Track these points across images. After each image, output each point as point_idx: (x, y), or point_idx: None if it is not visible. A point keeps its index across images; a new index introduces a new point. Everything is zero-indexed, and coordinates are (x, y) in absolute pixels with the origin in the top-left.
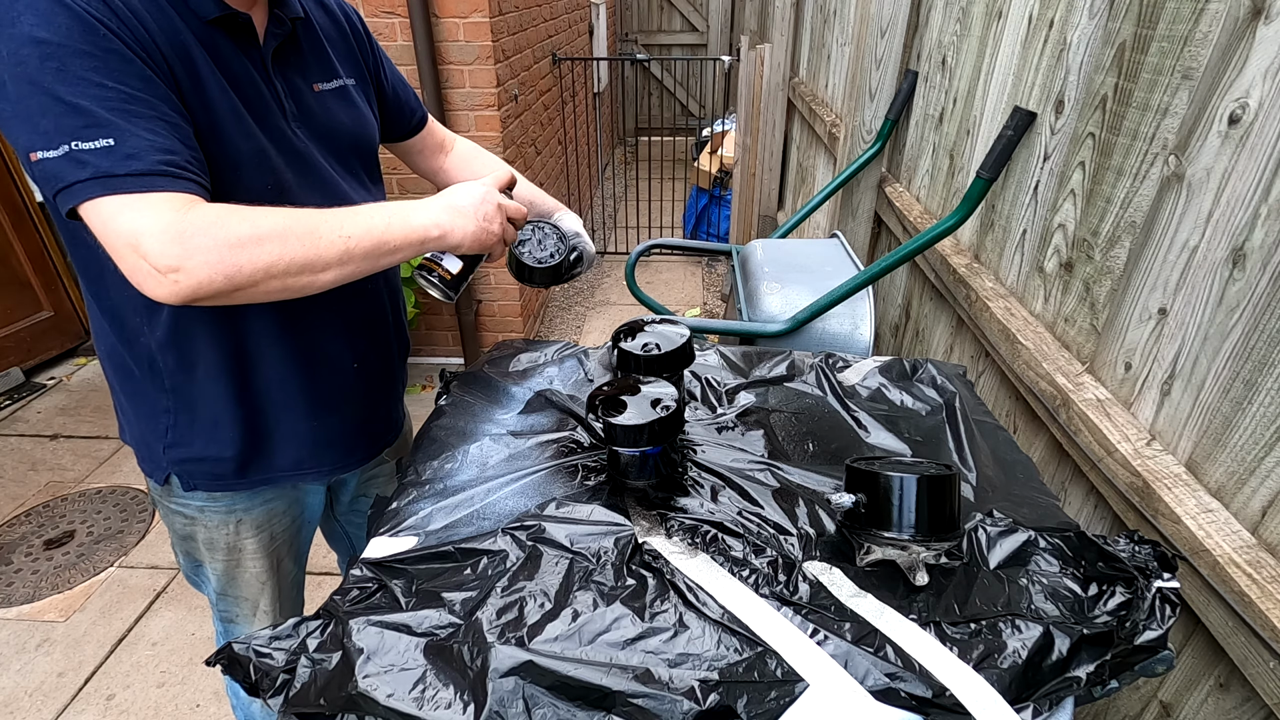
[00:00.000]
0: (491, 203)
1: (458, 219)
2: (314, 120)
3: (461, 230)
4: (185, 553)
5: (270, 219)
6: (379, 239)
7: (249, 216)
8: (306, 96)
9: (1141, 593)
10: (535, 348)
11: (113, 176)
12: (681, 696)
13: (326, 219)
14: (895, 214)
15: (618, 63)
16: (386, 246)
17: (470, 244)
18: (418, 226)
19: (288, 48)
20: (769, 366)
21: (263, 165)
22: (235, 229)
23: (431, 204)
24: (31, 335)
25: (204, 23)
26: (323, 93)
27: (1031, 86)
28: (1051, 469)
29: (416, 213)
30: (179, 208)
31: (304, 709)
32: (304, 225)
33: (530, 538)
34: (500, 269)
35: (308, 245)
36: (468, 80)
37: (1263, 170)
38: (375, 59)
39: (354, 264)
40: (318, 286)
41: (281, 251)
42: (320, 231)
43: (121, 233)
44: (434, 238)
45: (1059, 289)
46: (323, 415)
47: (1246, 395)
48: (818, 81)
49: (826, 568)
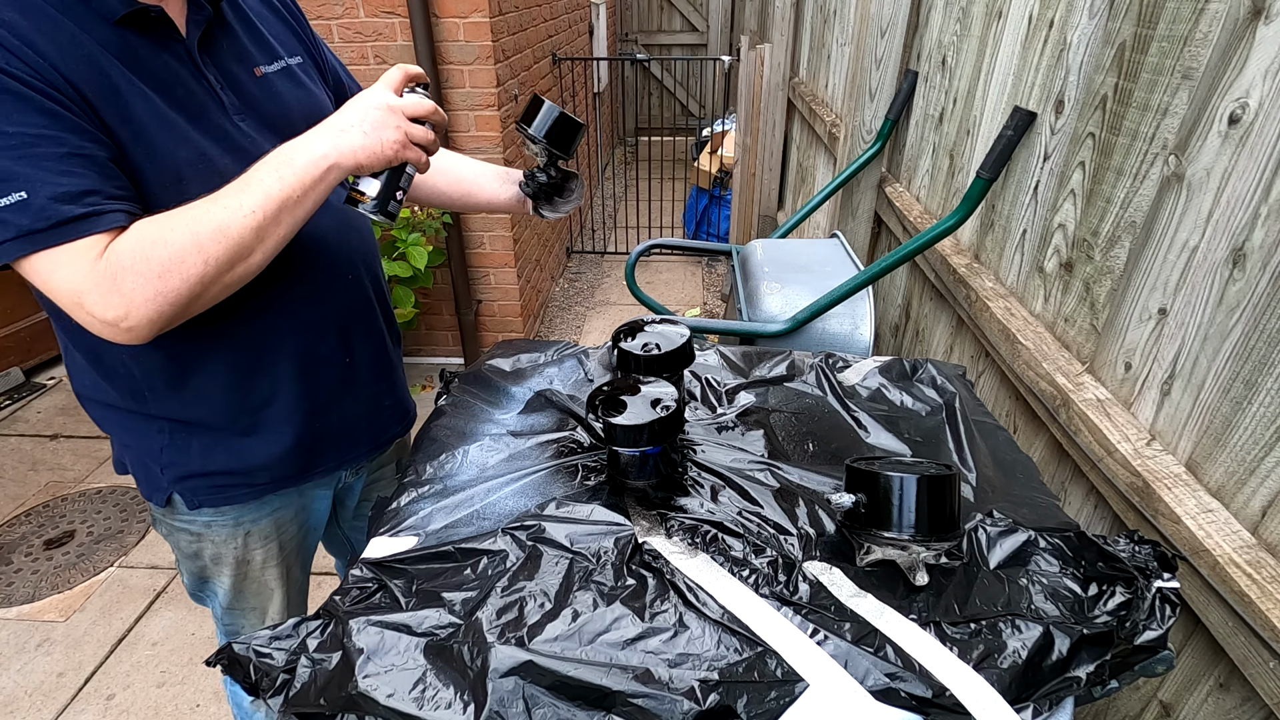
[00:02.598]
0: (378, 107)
1: (342, 139)
2: (259, 108)
3: (350, 148)
4: (192, 571)
5: (179, 230)
6: (282, 198)
7: (161, 236)
8: (247, 84)
9: (1141, 593)
10: (535, 348)
11: (36, 233)
12: (681, 696)
13: (226, 205)
14: (895, 214)
15: (618, 63)
16: (292, 199)
17: (367, 160)
18: (306, 164)
19: (216, 33)
20: (769, 366)
21: (207, 170)
22: (155, 257)
23: (315, 133)
24: (31, 335)
25: (111, 25)
26: (266, 76)
27: (1031, 86)
28: (1051, 469)
29: (301, 151)
30: (104, 250)
31: (304, 709)
32: (210, 222)
33: (530, 538)
34: (500, 269)
35: (221, 241)
36: (468, 80)
37: (1263, 170)
38: (313, 39)
39: (273, 234)
40: (254, 269)
41: (204, 258)
42: (228, 222)
43: (63, 292)
44: (329, 166)
45: (1059, 289)
46: (322, 413)
47: (1246, 395)
48: (818, 81)
49: (826, 568)
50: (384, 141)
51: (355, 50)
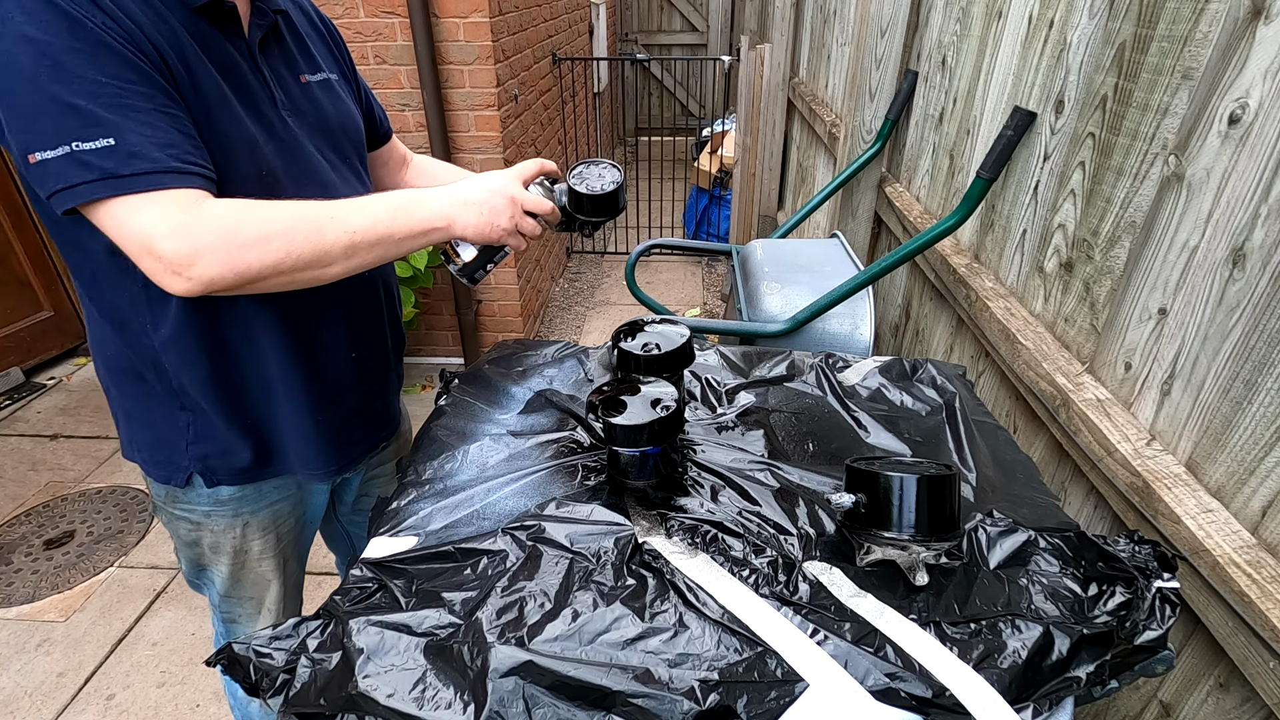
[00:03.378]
0: (504, 195)
1: (462, 211)
2: (302, 110)
3: (464, 223)
4: (190, 559)
5: (277, 218)
6: (384, 232)
7: (257, 215)
8: (293, 87)
9: (1141, 593)
10: (535, 348)
11: (118, 177)
12: (681, 696)
13: (332, 214)
14: (895, 214)
15: (618, 63)
16: (391, 239)
17: (475, 237)
18: (421, 219)
19: (271, 39)
20: (769, 366)
21: (253, 153)
22: (244, 229)
23: (441, 195)
24: (31, 335)
25: (190, 11)
26: (309, 84)
27: (1031, 86)
28: (1051, 469)
29: (422, 204)
30: (187, 205)
31: (304, 709)
32: (310, 223)
33: (530, 538)
34: (500, 269)
35: (314, 242)
36: (468, 80)
37: (1263, 170)
38: (350, 63)
39: (359, 257)
40: (325, 279)
41: (289, 249)
42: (326, 229)
43: (136, 234)
44: (439, 228)
45: (1059, 289)
46: (324, 406)
47: (1246, 395)
48: (818, 81)
49: (826, 568)
50: (495, 226)
51: (355, 50)
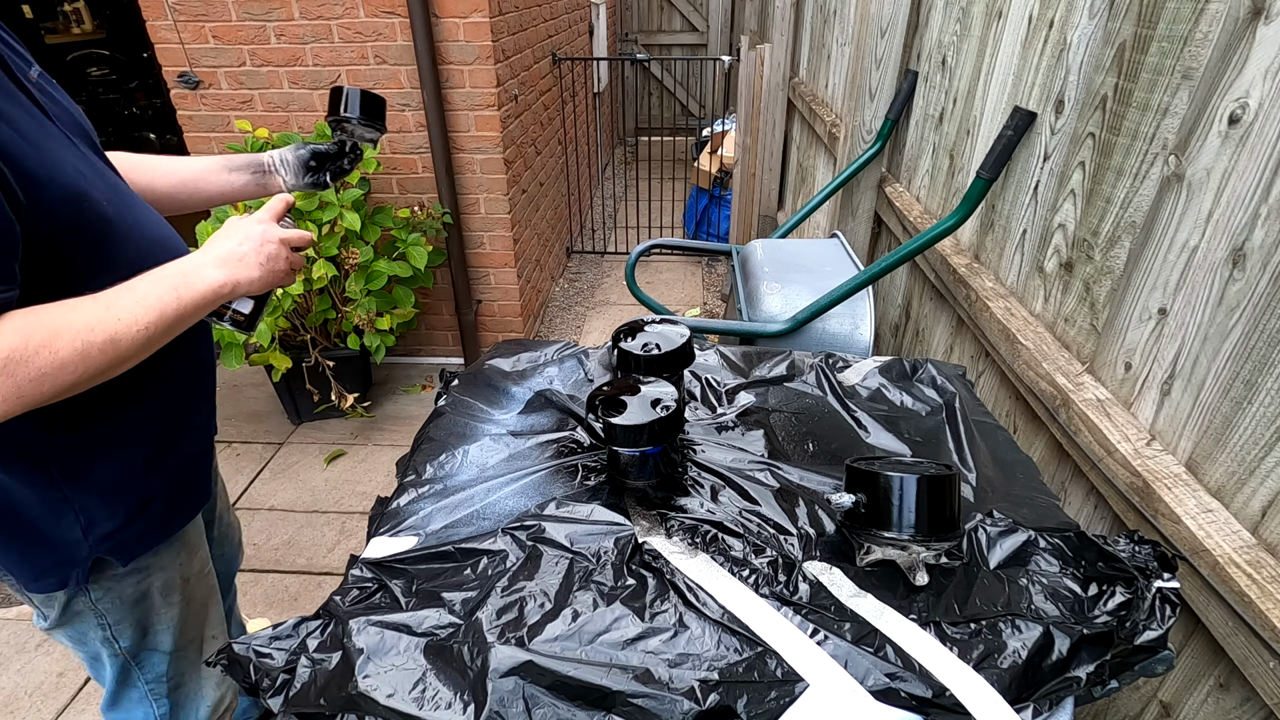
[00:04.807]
0: (272, 241)
1: (241, 270)
2: (56, 114)
3: (247, 279)
4: (134, 625)
5: (68, 337)
6: (175, 316)
7: (47, 342)
8: (37, 91)
9: (1141, 593)
10: (535, 348)
11: None
12: (681, 696)
13: (119, 315)
14: (895, 214)
15: (618, 63)
16: (184, 318)
17: (260, 289)
18: (206, 291)
19: None
20: (769, 366)
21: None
22: (34, 364)
23: (208, 259)
24: None
25: None
26: (38, 80)
27: (1031, 86)
28: (1051, 469)
29: (197, 274)
30: None
31: (304, 709)
32: (102, 334)
33: (530, 538)
34: (501, 269)
35: (109, 352)
36: (468, 80)
37: (1263, 170)
38: None
39: (158, 344)
40: (126, 369)
41: (86, 367)
42: (119, 335)
43: None
44: (225, 294)
45: (1059, 289)
46: (192, 460)
47: (1246, 395)
48: (818, 81)
49: (826, 568)
50: (276, 272)
51: (355, 50)
